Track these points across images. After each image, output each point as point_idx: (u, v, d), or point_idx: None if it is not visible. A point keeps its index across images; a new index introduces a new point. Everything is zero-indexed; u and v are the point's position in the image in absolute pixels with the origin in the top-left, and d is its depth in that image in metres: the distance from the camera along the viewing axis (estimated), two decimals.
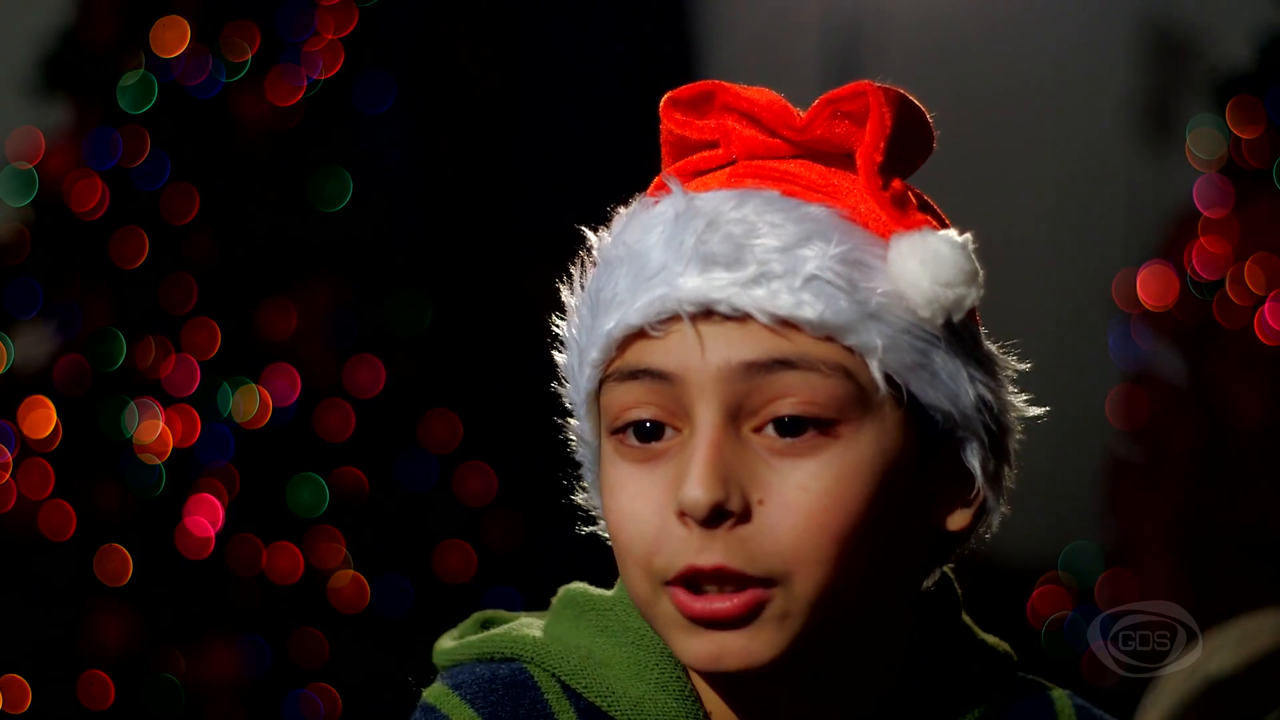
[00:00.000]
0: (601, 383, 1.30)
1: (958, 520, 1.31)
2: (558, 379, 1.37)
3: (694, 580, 1.24)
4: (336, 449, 4.42)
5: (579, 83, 5.35)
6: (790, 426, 1.24)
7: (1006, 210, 5.15)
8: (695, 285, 1.24)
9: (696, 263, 1.25)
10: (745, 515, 1.24)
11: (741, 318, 1.24)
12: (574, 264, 1.34)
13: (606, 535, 1.36)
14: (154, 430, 4.30)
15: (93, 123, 4.43)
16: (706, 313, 1.25)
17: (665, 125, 1.35)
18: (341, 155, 4.52)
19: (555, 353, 1.36)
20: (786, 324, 1.24)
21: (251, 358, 4.40)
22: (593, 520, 1.39)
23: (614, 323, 1.27)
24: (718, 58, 5.33)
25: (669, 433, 1.27)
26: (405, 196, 5.07)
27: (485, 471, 4.57)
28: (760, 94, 1.33)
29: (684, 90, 1.34)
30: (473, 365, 4.87)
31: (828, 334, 1.24)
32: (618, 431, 1.28)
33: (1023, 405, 1.32)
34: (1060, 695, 1.41)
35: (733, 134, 1.32)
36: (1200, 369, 4.48)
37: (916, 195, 1.34)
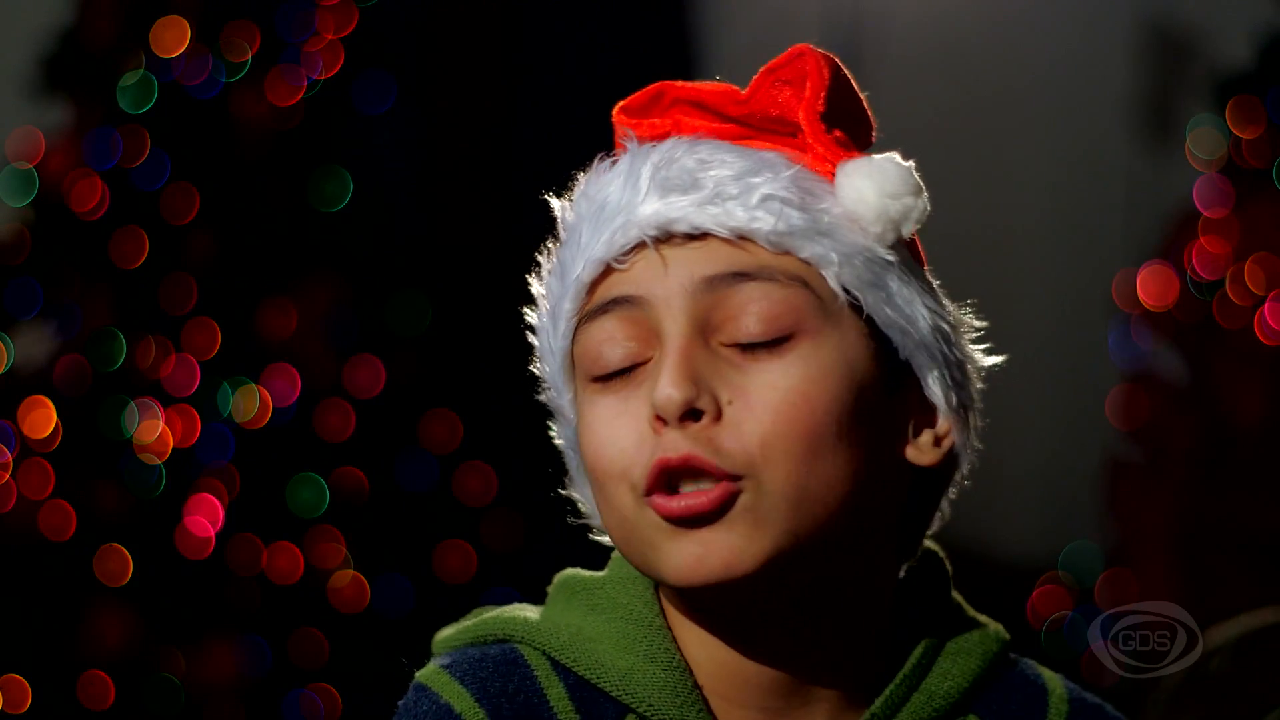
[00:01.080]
0: (575, 335, 1.34)
1: (926, 454, 1.35)
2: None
3: (668, 480, 1.28)
4: (336, 449, 4.43)
5: (578, 83, 5.35)
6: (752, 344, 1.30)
7: (1007, 210, 5.14)
8: (654, 209, 1.31)
9: (655, 191, 1.32)
10: (716, 416, 1.28)
11: (701, 236, 1.31)
12: (540, 253, 1.40)
13: (593, 527, 1.40)
14: (154, 430, 4.30)
15: (93, 123, 4.43)
16: (667, 236, 1.31)
17: (618, 132, 1.39)
18: (341, 155, 4.52)
19: (530, 336, 1.40)
20: (744, 239, 1.30)
21: (251, 358, 4.40)
22: (581, 515, 1.42)
23: (581, 266, 1.33)
24: (718, 58, 5.32)
25: (641, 368, 1.31)
26: (405, 196, 5.07)
27: (485, 471, 4.57)
28: (706, 84, 1.38)
29: (634, 97, 1.40)
30: (473, 365, 4.86)
31: (783, 248, 1.30)
32: (596, 380, 1.33)
33: (980, 354, 1.37)
34: (1051, 675, 1.43)
35: (683, 124, 1.38)
36: (1200, 369, 4.48)
37: None
